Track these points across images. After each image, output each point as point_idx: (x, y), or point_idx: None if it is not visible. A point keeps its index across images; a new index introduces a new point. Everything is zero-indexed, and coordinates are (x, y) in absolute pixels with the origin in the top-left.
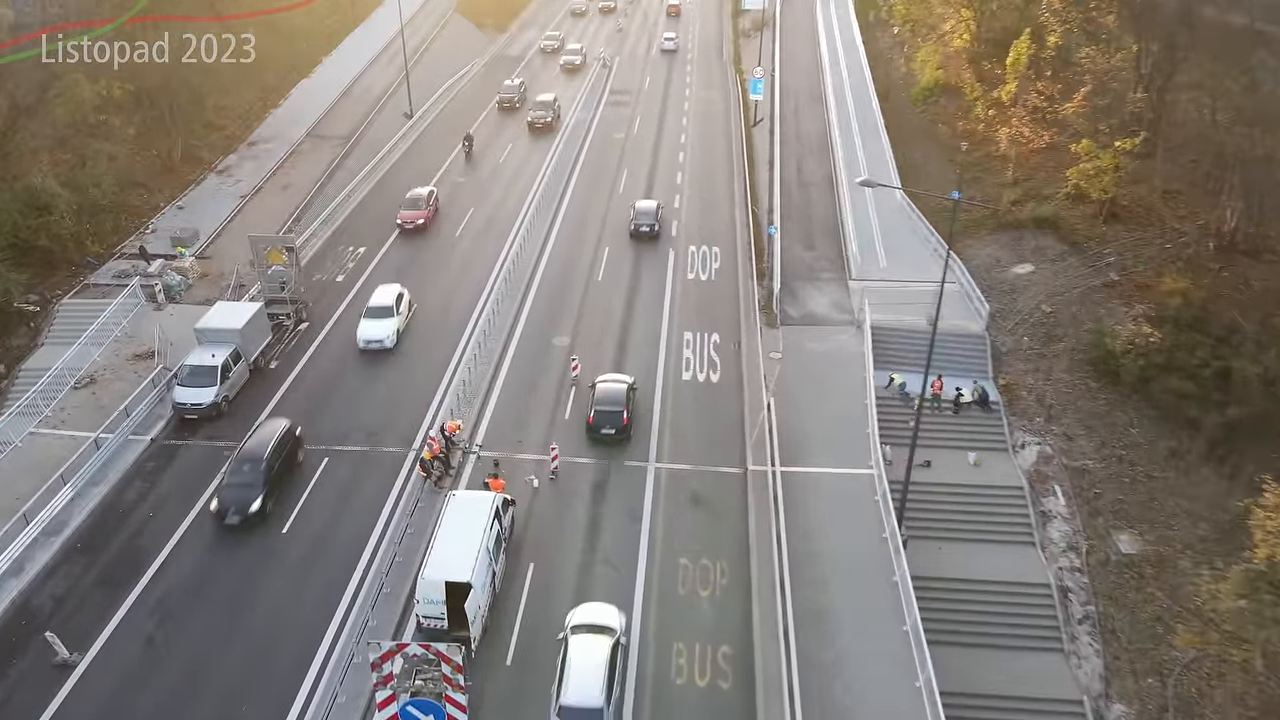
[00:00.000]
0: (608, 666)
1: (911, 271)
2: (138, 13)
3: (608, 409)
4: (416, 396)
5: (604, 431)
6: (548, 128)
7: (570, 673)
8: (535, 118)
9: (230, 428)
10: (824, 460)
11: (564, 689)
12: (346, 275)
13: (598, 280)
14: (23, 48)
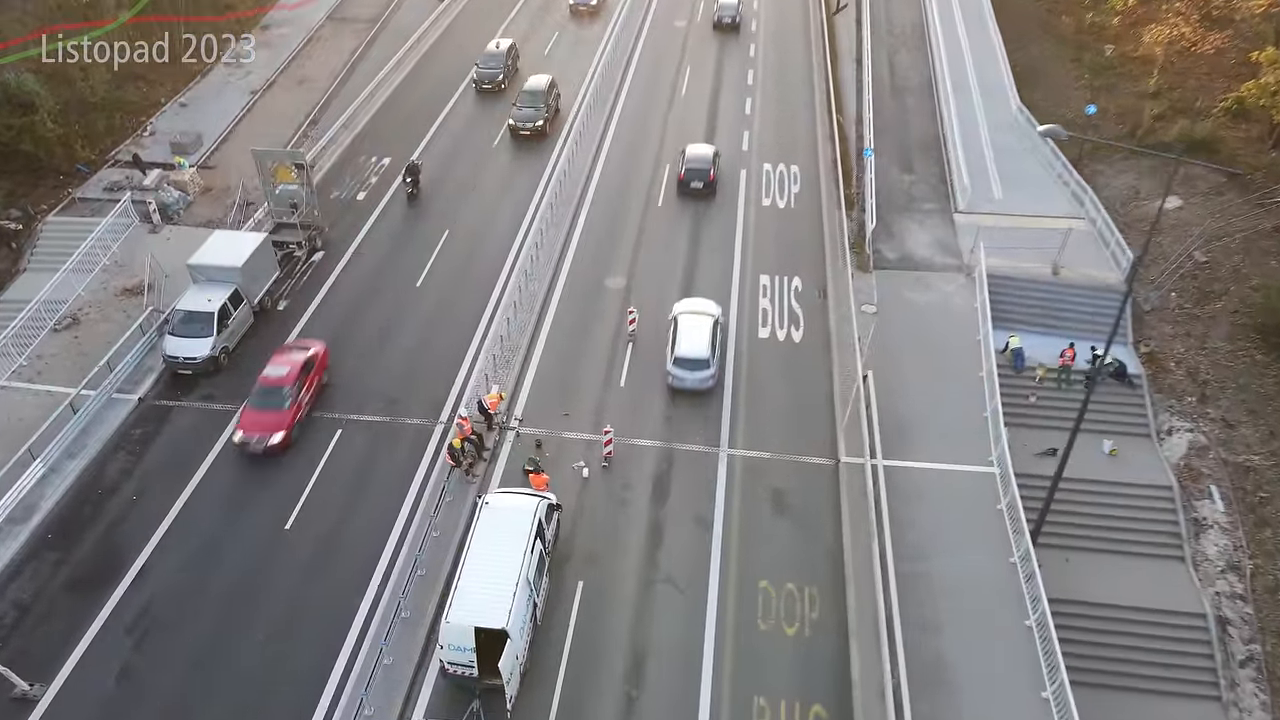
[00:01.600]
0: (711, 333)
1: (1031, 203)
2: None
3: (697, 167)
4: (446, 350)
5: (693, 185)
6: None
7: (681, 336)
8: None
9: (231, 384)
10: (932, 451)
11: (677, 347)
12: (369, 192)
13: (657, 205)
14: (22, 47)
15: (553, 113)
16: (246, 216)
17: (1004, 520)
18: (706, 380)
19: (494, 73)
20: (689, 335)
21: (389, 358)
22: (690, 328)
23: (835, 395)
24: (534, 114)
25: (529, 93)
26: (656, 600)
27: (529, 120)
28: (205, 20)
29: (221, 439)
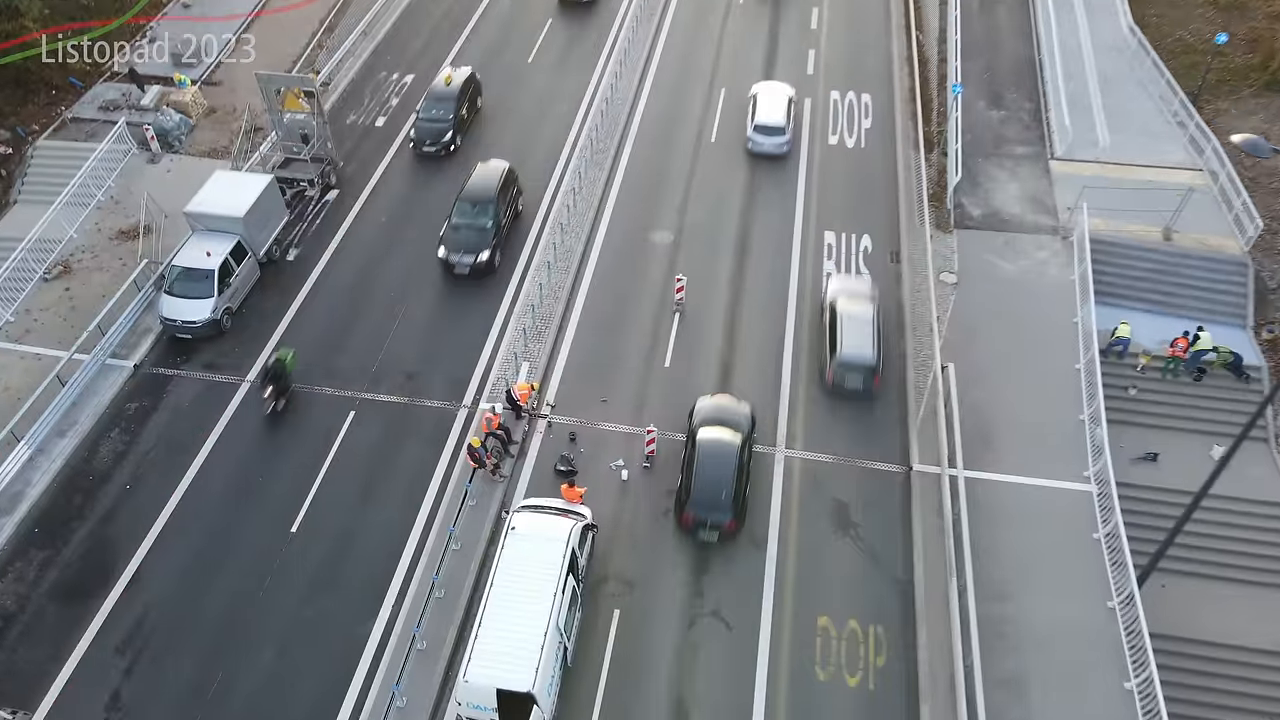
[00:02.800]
0: (786, 105)
1: (1141, 149)
2: None
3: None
4: (472, 317)
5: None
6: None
7: (760, 106)
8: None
9: (235, 351)
10: (1018, 461)
11: (757, 116)
12: (389, 117)
13: (710, 142)
14: (21, 47)
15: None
16: (254, 145)
17: (1102, 553)
18: (782, 146)
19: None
20: (767, 105)
21: (409, 324)
22: (768, 99)
23: (909, 386)
24: None
25: None
26: (702, 638)
27: None
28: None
29: (224, 417)
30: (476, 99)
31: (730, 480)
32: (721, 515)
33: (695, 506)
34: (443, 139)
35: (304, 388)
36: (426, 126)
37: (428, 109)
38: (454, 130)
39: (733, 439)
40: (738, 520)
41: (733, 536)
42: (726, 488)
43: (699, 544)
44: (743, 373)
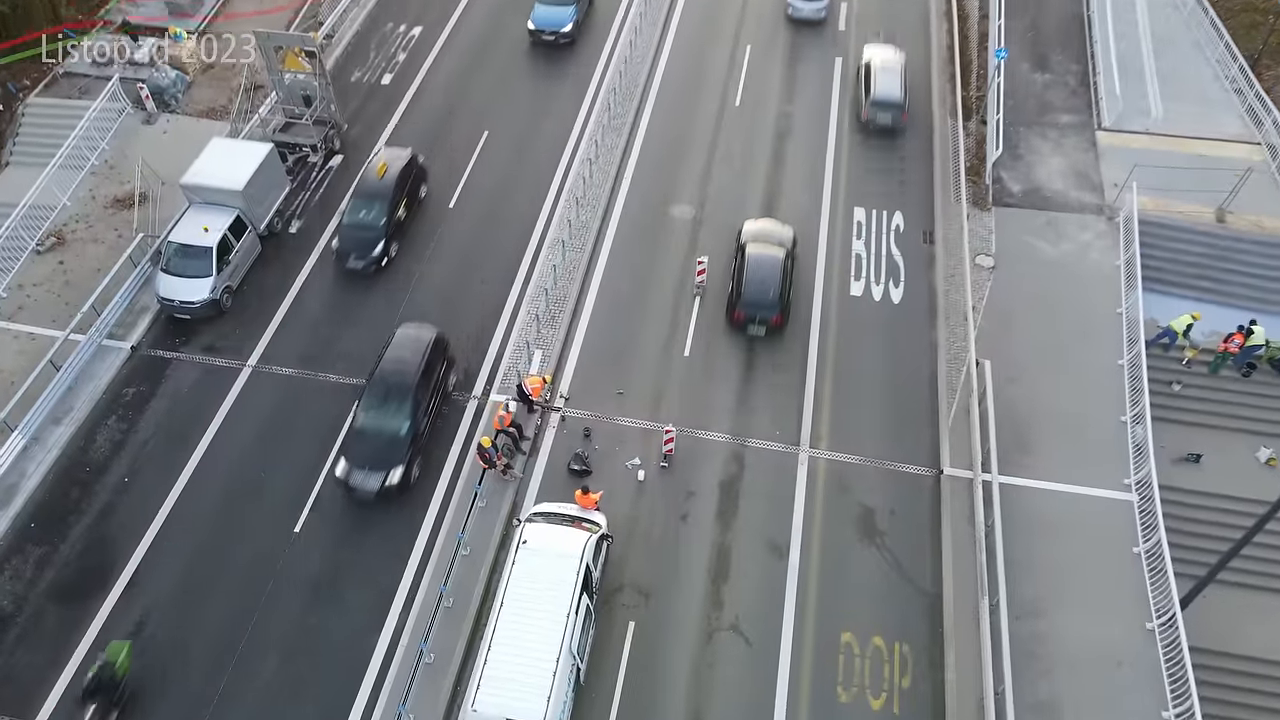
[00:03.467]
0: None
1: (1195, 119)
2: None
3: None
4: (482, 299)
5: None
6: None
7: (876, 80)
8: None
9: (236, 333)
10: (1055, 466)
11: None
12: (396, 74)
13: (734, 106)
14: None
15: None
16: (255, 105)
17: (1142, 569)
18: (820, 11)
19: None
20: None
21: (415, 304)
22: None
23: (940, 381)
24: None
25: None
26: (720, 654)
27: None
28: None
29: (224, 406)
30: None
31: (776, 283)
32: (769, 311)
33: (745, 305)
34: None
35: (309, 375)
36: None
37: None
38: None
39: (778, 251)
40: (783, 316)
41: (779, 331)
42: (774, 288)
43: (720, 553)
44: (765, 367)
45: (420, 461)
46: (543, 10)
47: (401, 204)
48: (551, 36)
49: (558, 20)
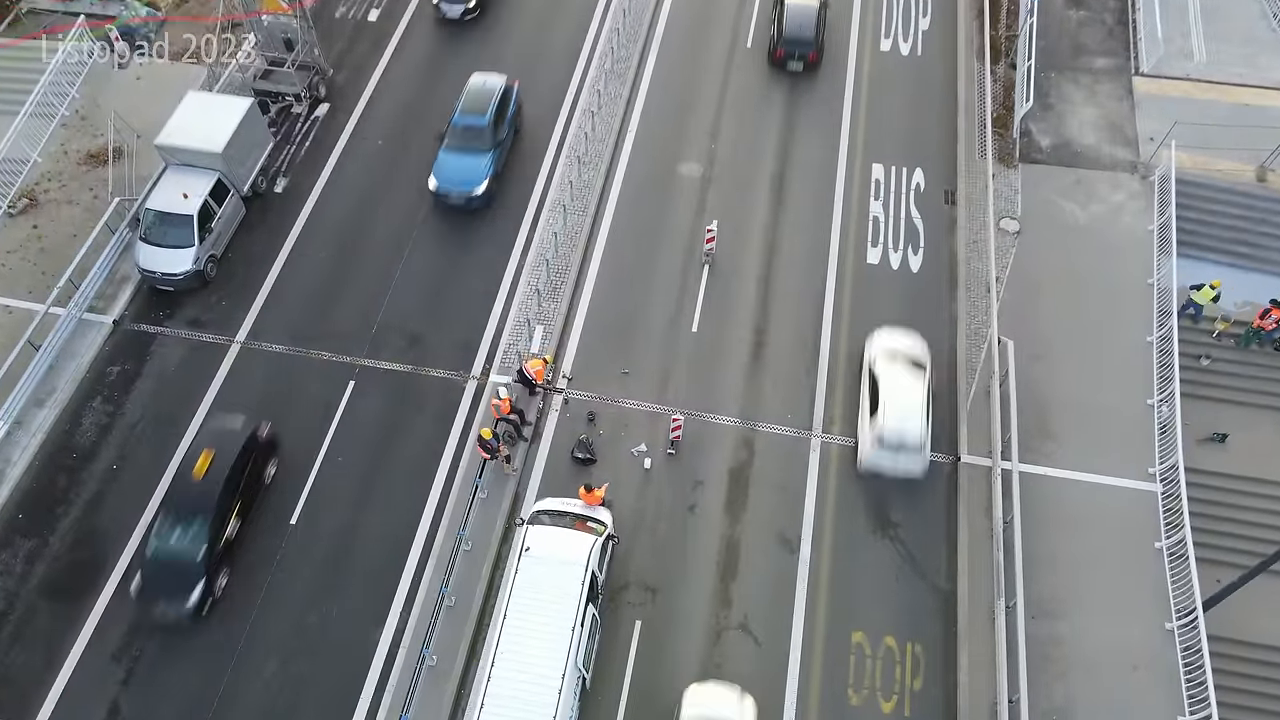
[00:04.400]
0: None
1: (1239, 62)
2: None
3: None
4: (480, 267)
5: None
6: None
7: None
8: None
9: (222, 304)
10: (1076, 453)
11: None
12: (383, 8)
13: (745, 47)
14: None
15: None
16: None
17: (1164, 565)
18: None
19: None
20: None
21: (410, 275)
22: None
23: (959, 359)
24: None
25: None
26: (729, 654)
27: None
28: None
29: (214, 385)
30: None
31: (813, 24)
32: (806, 47)
33: (785, 43)
34: None
35: (299, 353)
36: None
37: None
38: None
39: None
40: (818, 53)
41: (815, 67)
42: (809, 29)
43: (728, 546)
44: (777, 343)
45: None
46: None
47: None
48: None
49: None
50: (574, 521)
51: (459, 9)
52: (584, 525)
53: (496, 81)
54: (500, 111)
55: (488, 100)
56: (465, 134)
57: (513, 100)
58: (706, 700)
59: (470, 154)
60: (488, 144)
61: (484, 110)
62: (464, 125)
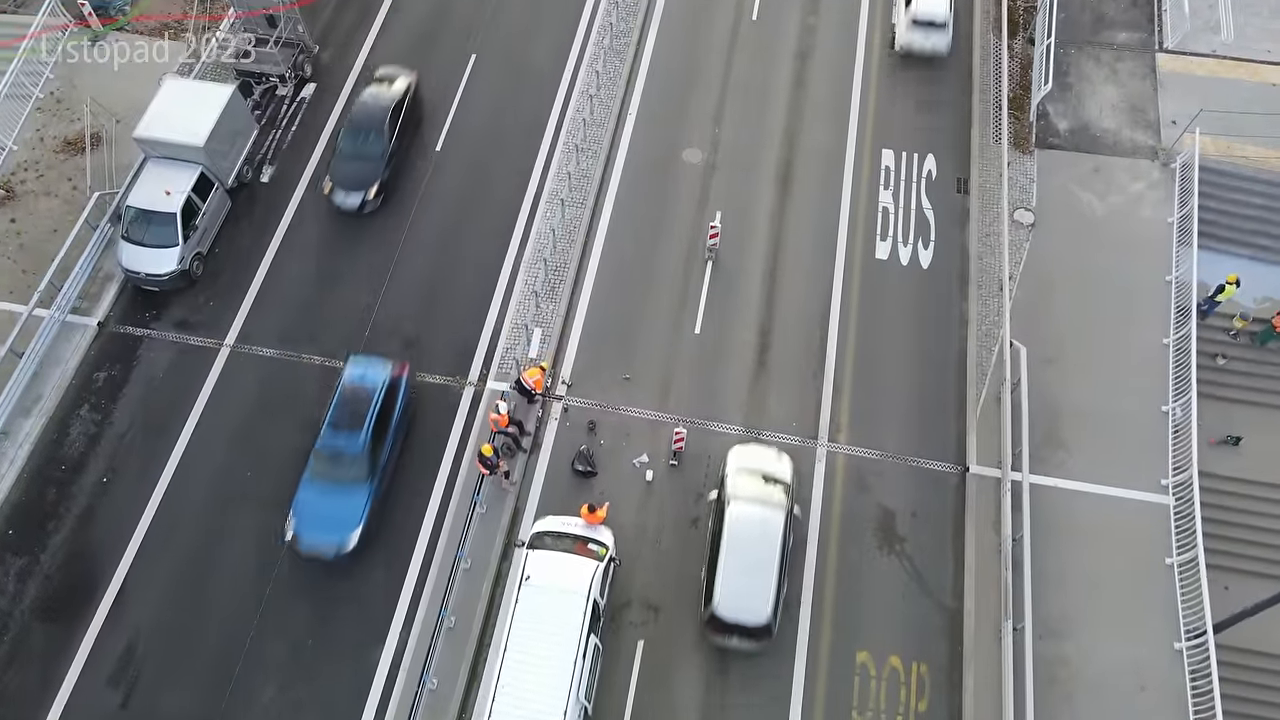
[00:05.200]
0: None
1: (1270, 38)
2: None
3: None
4: (475, 262)
5: None
6: None
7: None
8: None
9: (210, 305)
10: (1087, 463)
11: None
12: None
13: (751, 20)
14: None
15: None
16: (214, 18)
17: (1174, 582)
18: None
19: None
20: None
21: (404, 272)
22: None
23: (970, 363)
24: None
25: None
26: (732, 676)
27: None
28: None
29: (204, 392)
30: None
31: None
32: None
33: None
34: None
35: (292, 357)
36: None
37: None
38: None
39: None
40: None
41: None
42: None
43: None
44: (782, 346)
45: None
46: None
47: None
48: None
49: None
50: (574, 544)
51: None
52: (585, 548)
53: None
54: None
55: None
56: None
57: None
58: (749, 456)
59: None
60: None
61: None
62: None
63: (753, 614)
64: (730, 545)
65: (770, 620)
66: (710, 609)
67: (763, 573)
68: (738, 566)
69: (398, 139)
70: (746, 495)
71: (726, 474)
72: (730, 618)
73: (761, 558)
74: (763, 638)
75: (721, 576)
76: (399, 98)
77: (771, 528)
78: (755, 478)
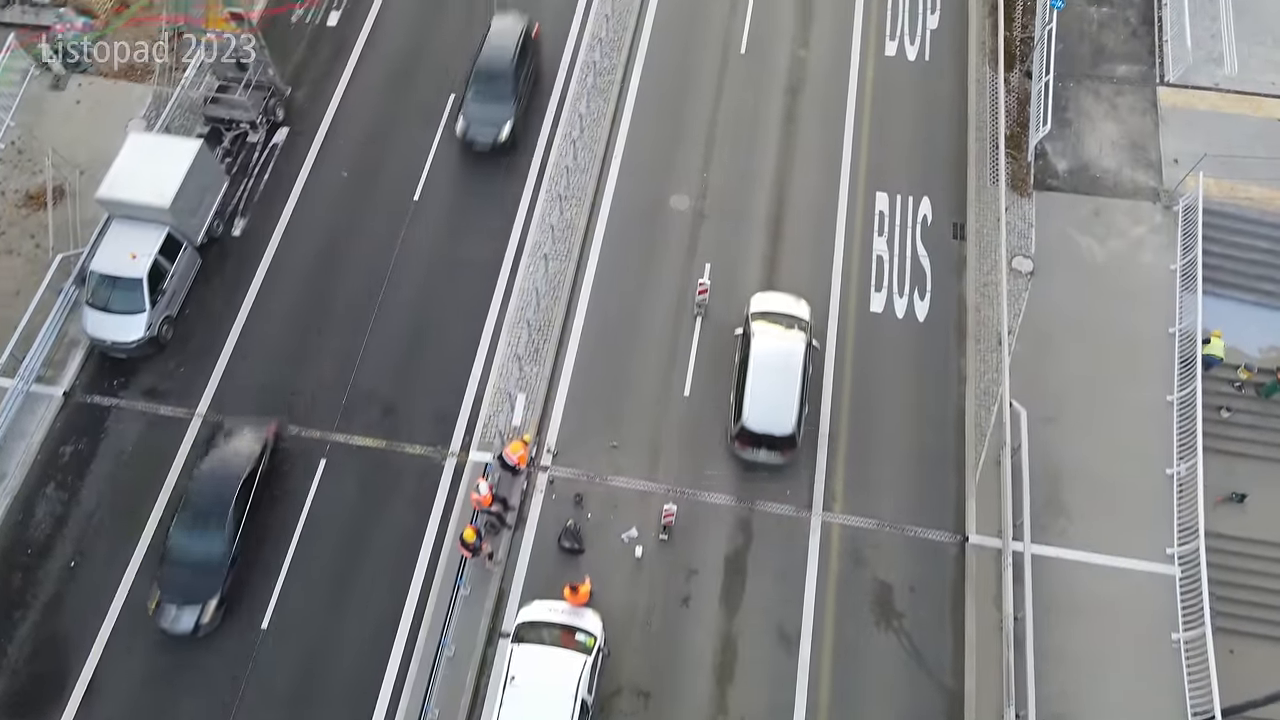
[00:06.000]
0: None
1: (1273, 72)
2: None
3: None
4: (456, 324)
5: None
6: None
7: None
8: None
9: (180, 371)
10: (1090, 531)
11: None
12: (344, 9)
13: (739, 53)
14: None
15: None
16: (181, 62)
17: (1180, 662)
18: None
19: None
20: None
21: (381, 333)
22: None
23: (968, 422)
24: None
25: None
26: None
27: None
28: None
29: (174, 467)
30: None
31: None
32: None
33: None
34: None
35: None
36: None
37: None
38: None
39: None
40: None
41: None
42: None
43: (724, 644)
44: None
45: None
46: None
47: None
48: None
49: None
50: (561, 634)
51: None
52: (571, 639)
53: None
54: None
55: None
56: None
57: None
58: (769, 299)
59: None
60: None
61: None
62: None
63: (779, 426)
64: (756, 369)
65: (794, 431)
66: (740, 424)
67: (786, 391)
68: (764, 387)
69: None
70: (769, 329)
71: (750, 313)
72: (759, 429)
73: (785, 379)
74: (788, 449)
75: (750, 395)
76: None
77: (793, 355)
78: (776, 316)
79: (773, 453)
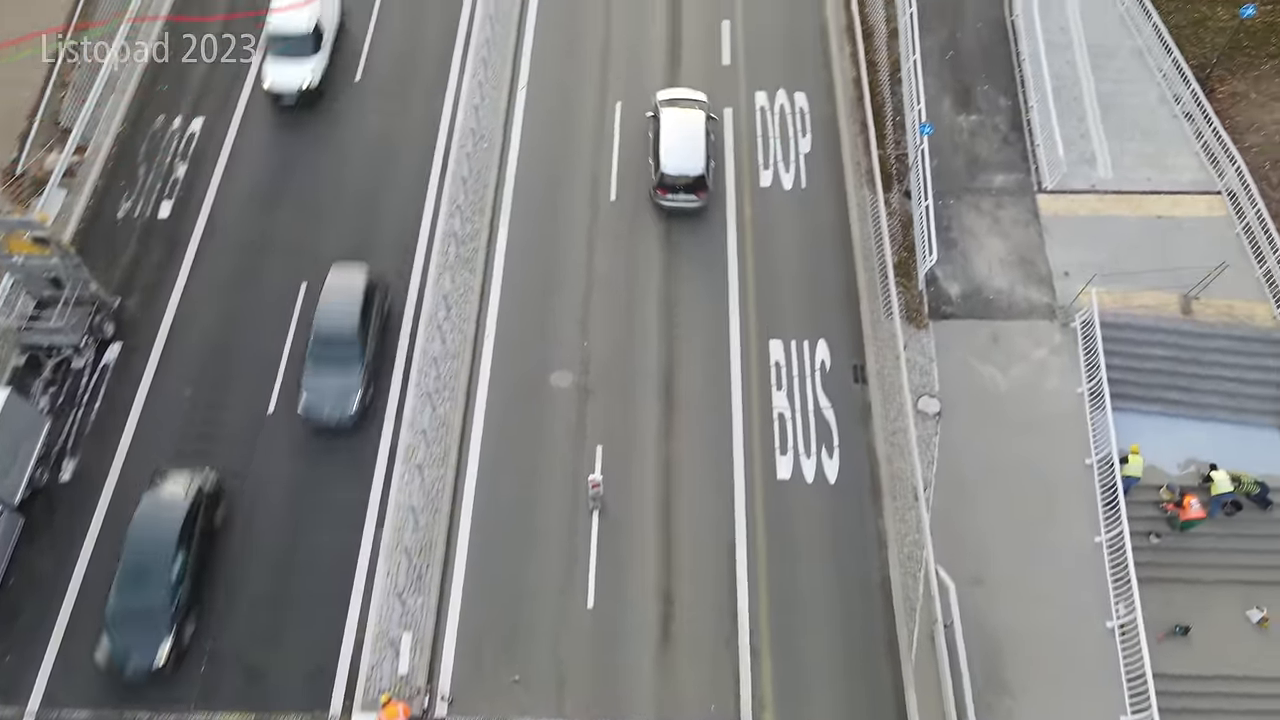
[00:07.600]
0: None
1: (1145, 163)
2: None
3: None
4: (328, 556)
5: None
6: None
7: None
8: None
9: (6, 658)
10: (1036, 708)
11: None
12: (176, 198)
13: (610, 201)
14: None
15: None
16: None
17: None
18: None
19: None
20: None
21: (239, 580)
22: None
23: (895, 598)
24: None
25: None
26: None
27: None
28: None
29: None
30: None
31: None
32: None
33: None
34: None
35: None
36: None
37: None
38: None
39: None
40: None
41: None
42: None
43: None
44: (688, 610)
45: None
46: None
47: None
48: None
49: None
50: None
51: None
52: None
53: None
54: None
55: None
56: None
57: None
58: (673, 90)
59: None
60: None
61: None
62: None
63: (692, 167)
64: (667, 131)
65: (704, 173)
66: (660, 171)
67: (694, 142)
68: (674, 140)
69: None
70: (675, 110)
71: (658, 102)
72: (675, 172)
73: (692, 133)
74: (701, 190)
75: (664, 149)
76: None
77: (696, 121)
78: (681, 101)
79: (689, 195)
